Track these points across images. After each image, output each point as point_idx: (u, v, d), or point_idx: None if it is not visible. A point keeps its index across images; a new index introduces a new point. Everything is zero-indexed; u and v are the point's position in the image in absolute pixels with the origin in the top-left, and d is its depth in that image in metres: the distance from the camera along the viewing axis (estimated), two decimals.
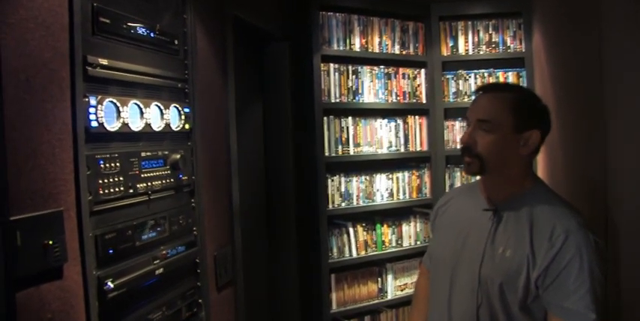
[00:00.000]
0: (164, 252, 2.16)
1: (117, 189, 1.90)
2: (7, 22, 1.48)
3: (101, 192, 1.82)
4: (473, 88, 4.20)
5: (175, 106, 2.25)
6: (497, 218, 1.86)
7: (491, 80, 4.18)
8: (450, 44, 4.26)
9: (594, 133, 2.35)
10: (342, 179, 3.90)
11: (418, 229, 4.25)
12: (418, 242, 4.26)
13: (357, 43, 3.96)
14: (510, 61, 4.18)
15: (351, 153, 3.93)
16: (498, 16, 4.18)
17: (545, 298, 1.74)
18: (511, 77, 4.16)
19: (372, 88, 4.02)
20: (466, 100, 4.22)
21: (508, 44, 4.17)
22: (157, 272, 2.09)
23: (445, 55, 4.26)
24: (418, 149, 4.24)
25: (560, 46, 3.06)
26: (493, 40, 4.19)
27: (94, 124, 1.79)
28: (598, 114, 2.29)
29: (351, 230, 3.94)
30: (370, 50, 4.02)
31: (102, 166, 1.83)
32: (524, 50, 4.11)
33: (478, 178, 2.02)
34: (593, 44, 2.29)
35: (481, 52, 4.22)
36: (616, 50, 2.09)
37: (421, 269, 2.37)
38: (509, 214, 1.85)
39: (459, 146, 1.90)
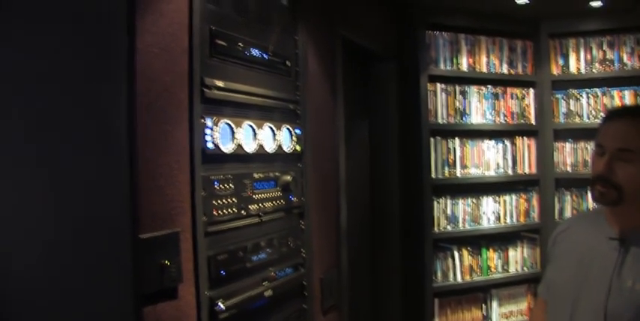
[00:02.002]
0: (273, 274, 2.16)
1: (230, 210, 1.91)
2: (136, 47, 1.51)
3: (215, 213, 1.84)
4: (585, 109, 4.02)
5: (287, 128, 2.26)
6: (625, 249, 1.73)
7: (606, 100, 3.99)
8: (561, 62, 4.10)
9: None
10: (449, 202, 3.82)
11: (525, 255, 4.10)
12: (525, 268, 4.10)
13: (464, 63, 3.89)
14: (627, 79, 3.97)
15: (458, 175, 3.85)
16: (614, 32, 3.99)
17: None
18: (628, 96, 3.94)
19: (479, 109, 3.93)
20: (577, 120, 4.04)
21: (625, 61, 3.96)
22: (266, 294, 2.09)
23: (555, 73, 4.11)
24: (526, 172, 4.10)
25: None
26: (608, 57, 4.00)
27: (210, 145, 1.81)
28: None
29: (456, 254, 3.84)
30: (478, 70, 3.94)
31: (217, 187, 1.84)
32: None
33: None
34: None
35: (594, 71, 4.03)
36: None
37: (537, 299, 2.25)
38: (638, 244, 1.72)
39: (595, 174, 1.76)
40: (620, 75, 3.97)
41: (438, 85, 3.79)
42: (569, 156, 4.06)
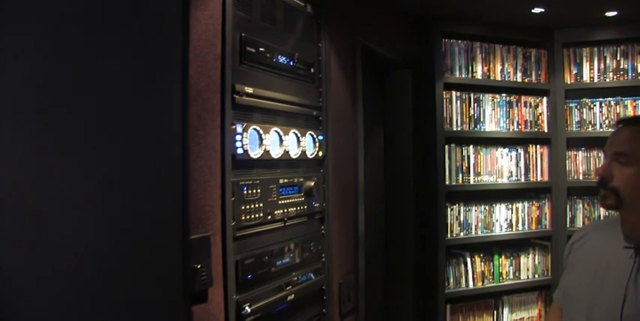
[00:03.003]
0: (295, 278, 2.18)
1: (257, 215, 1.93)
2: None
3: (243, 218, 1.86)
4: (598, 118, 4.05)
5: (311, 134, 2.29)
6: None
7: (619, 109, 4.02)
8: (574, 71, 4.13)
9: None
10: (462, 208, 3.85)
11: (537, 262, 4.12)
12: (536, 275, 4.13)
13: (479, 71, 3.92)
14: None
15: (472, 182, 3.88)
16: (627, 42, 4.01)
17: None
18: None
19: (493, 117, 3.97)
20: (590, 129, 4.07)
21: (638, 71, 3.98)
22: (289, 298, 2.11)
23: (568, 82, 4.13)
24: (539, 179, 4.13)
25: None
26: (621, 66, 4.02)
27: (240, 151, 1.83)
28: None
29: (468, 260, 3.87)
30: (492, 78, 3.98)
31: (245, 192, 1.87)
32: None
33: (615, 213, 1.92)
34: None
35: (607, 80, 4.06)
36: None
37: (552, 305, 2.27)
38: None
39: (595, 178, 1.82)
40: (633, 84, 4.00)
41: (453, 92, 3.83)
42: (582, 164, 4.08)
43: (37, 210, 1.44)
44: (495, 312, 3.99)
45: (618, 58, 4.03)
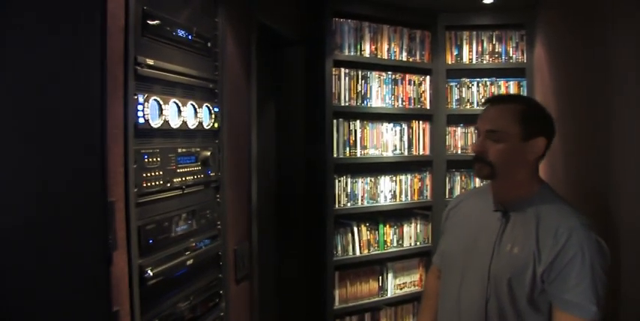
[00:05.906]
0: (194, 244, 2.26)
1: (157, 182, 2.00)
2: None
3: (144, 185, 1.92)
4: (475, 96, 4.35)
5: (207, 106, 2.36)
6: (506, 219, 1.99)
7: (493, 89, 4.33)
8: (455, 53, 4.40)
9: (595, 141, 2.48)
10: (349, 180, 4.03)
11: (418, 231, 4.40)
12: (418, 243, 4.40)
13: (367, 49, 4.10)
14: (512, 70, 4.33)
15: (358, 155, 4.07)
16: (502, 28, 4.33)
17: (549, 292, 1.86)
18: (512, 86, 4.31)
19: (379, 93, 4.16)
20: (468, 107, 4.37)
21: (510, 55, 4.32)
22: (188, 263, 2.19)
23: (450, 63, 4.40)
24: (421, 153, 4.38)
25: (563, 58, 3.18)
26: (496, 50, 4.34)
27: (141, 120, 1.89)
28: (600, 122, 2.41)
29: (355, 229, 4.07)
30: (379, 56, 4.16)
31: (146, 160, 1.93)
32: (525, 61, 4.26)
33: (486, 182, 2.14)
34: (598, 57, 2.40)
35: (484, 62, 4.36)
36: (622, 63, 2.17)
37: (431, 268, 2.48)
38: (517, 214, 1.98)
39: (471, 153, 2.04)
40: (506, 67, 4.33)
41: (342, 69, 3.97)
42: (460, 139, 4.37)
43: None
44: (380, 277, 4.23)
45: (494, 42, 4.33)
